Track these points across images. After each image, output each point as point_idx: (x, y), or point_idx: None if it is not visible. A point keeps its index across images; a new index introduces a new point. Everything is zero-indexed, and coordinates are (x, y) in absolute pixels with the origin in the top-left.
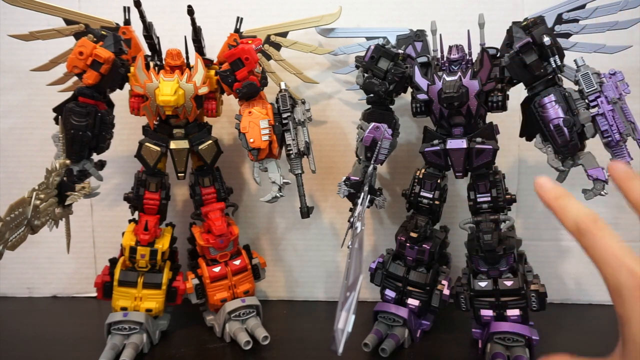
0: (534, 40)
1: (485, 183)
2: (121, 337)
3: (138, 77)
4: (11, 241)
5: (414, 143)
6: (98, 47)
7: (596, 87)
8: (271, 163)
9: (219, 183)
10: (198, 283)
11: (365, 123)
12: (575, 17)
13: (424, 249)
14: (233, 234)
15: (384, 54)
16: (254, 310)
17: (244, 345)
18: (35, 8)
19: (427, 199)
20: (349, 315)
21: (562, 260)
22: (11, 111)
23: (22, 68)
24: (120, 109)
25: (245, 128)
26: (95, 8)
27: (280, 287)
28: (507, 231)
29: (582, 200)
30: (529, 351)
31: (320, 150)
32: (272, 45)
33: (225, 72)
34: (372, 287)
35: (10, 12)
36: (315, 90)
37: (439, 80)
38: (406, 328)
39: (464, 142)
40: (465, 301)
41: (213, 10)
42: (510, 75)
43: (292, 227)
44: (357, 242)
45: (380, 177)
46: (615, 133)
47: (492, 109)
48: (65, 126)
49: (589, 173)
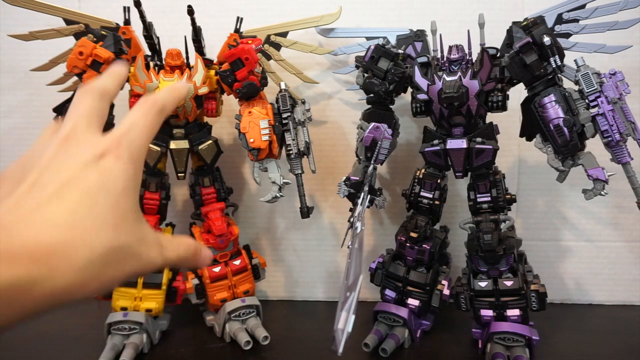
0: (534, 40)
1: (485, 183)
2: (121, 337)
3: (138, 77)
4: None
5: (414, 143)
6: (98, 47)
7: (596, 87)
8: (271, 163)
9: (219, 183)
10: (198, 283)
11: (365, 123)
12: (575, 17)
13: (424, 249)
14: (233, 234)
15: (384, 54)
16: (254, 310)
17: (244, 345)
18: (35, 8)
19: (427, 199)
20: (349, 315)
21: (562, 260)
22: (11, 111)
23: (22, 68)
24: (120, 109)
25: (245, 128)
26: (95, 8)
27: (280, 287)
28: (507, 231)
29: (582, 201)
30: (529, 351)
31: (320, 150)
32: (272, 45)
33: (225, 72)
34: (372, 287)
35: (10, 12)
36: (315, 90)
37: (439, 80)
38: (406, 328)
39: (464, 142)
40: (465, 301)
41: (213, 10)
42: (510, 75)
43: (292, 227)
44: (357, 242)
45: (380, 177)
46: (615, 133)
47: (492, 109)
48: None
49: (589, 173)
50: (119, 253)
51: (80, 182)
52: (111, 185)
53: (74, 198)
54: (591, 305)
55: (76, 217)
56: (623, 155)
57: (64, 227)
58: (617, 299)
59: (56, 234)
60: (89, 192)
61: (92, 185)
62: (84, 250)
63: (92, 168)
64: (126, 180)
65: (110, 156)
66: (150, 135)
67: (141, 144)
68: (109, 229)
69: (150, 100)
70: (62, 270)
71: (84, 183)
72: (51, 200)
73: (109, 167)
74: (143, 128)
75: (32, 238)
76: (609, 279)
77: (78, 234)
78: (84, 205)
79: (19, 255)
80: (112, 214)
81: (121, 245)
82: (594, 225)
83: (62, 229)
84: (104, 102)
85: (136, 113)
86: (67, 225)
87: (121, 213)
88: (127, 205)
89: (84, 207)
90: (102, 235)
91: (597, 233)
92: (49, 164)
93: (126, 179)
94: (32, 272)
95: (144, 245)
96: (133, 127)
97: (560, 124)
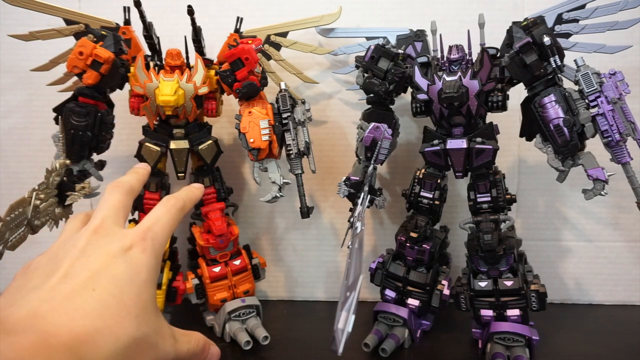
0: (534, 40)
1: (485, 183)
2: None
3: (138, 77)
4: (11, 241)
5: (414, 143)
6: (98, 47)
7: (596, 87)
8: (271, 163)
9: (219, 183)
10: (198, 283)
11: (365, 123)
12: (575, 17)
13: (424, 249)
14: (233, 234)
15: (384, 54)
16: (254, 310)
17: (244, 345)
18: (35, 8)
19: (427, 199)
20: (349, 315)
21: (562, 260)
22: (11, 111)
23: (22, 68)
24: (120, 109)
25: (245, 128)
26: (95, 8)
27: (280, 287)
28: (507, 231)
29: (582, 201)
30: (529, 351)
31: (320, 150)
32: (272, 45)
33: (225, 72)
34: (372, 287)
35: (10, 12)
36: (315, 90)
37: (439, 80)
38: (406, 328)
39: (464, 142)
40: (465, 301)
41: (213, 10)
42: (510, 75)
43: (292, 227)
44: (357, 242)
45: (380, 177)
46: (615, 133)
47: (492, 109)
48: (65, 126)
49: (589, 173)
50: (140, 343)
51: (109, 273)
52: (136, 276)
53: (104, 288)
54: (591, 305)
55: (105, 306)
56: (623, 155)
57: (94, 315)
58: (617, 299)
59: (87, 322)
60: (117, 283)
61: (121, 276)
62: (110, 339)
63: (121, 259)
64: (149, 272)
65: (137, 249)
66: (171, 230)
67: (163, 237)
68: (132, 319)
69: (172, 198)
70: (91, 358)
71: (113, 273)
72: (83, 290)
73: (136, 259)
74: (166, 223)
75: (67, 327)
76: (609, 279)
77: (106, 323)
78: (113, 295)
79: (55, 345)
80: (136, 304)
81: (142, 335)
82: (594, 225)
83: (93, 318)
84: (130, 199)
85: (160, 209)
86: (97, 315)
87: (143, 304)
88: (148, 296)
89: (113, 297)
90: (127, 325)
91: (597, 233)
92: (80, 255)
93: (149, 271)
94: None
95: (161, 337)
96: (157, 222)
97: (560, 124)
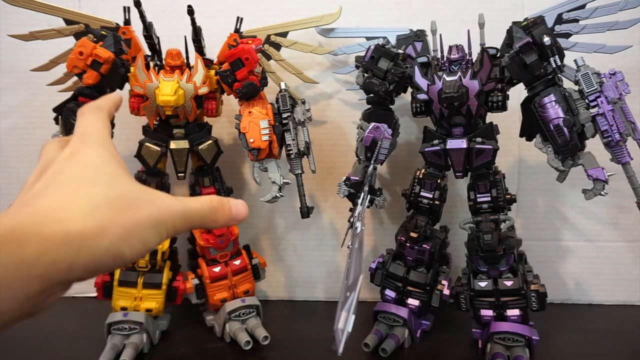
0: (534, 40)
1: (485, 183)
2: (121, 337)
3: (138, 77)
4: None
5: (414, 143)
6: (98, 47)
7: (596, 87)
8: (271, 163)
9: (219, 183)
10: (198, 283)
11: (365, 123)
12: (575, 17)
13: (424, 249)
14: (233, 234)
15: (384, 54)
16: (254, 310)
17: (244, 345)
18: (35, 8)
19: (427, 199)
20: (349, 315)
21: (562, 260)
22: (11, 111)
23: (22, 68)
24: (120, 109)
25: (245, 128)
26: (95, 8)
27: (280, 287)
28: (507, 231)
29: (582, 201)
30: (529, 351)
31: (320, 150)
32: (272, 45)
33: (225, 72)
34: (372, 287)
35: (10, 12)
36: (315, 90)
37: (439, 80)
38: (406, 328)
39: (464, 142)
40: (465, 301)
41: (213, 10)
42: (510, 75)
43: (292, 227)
44: (357, 242)
45: (380, 177)
46: (615, 133)
47: (492, 109)
48: (65, 126)
49: (589, 173)
50: (125, 199)
51: (68, 171)
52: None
53: (65, 180)
54: (591, 305)
55: (72, 186)
56: (623, 155)
57: (67, 191)
58: (617, 298)
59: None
60: (72, 169)
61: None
62: (85, 201)
63: (69, 162)
64: (100, 156)
65: (80, 150)
66: (105, 128)
67: (98, 134)
68: (101, 186)
69: (92, 107)
70: (71, 217)
71: (73, 170)
72: (49, 187)
73: (83, 156)
74: (95, 122)
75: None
76: (609, 279)
77: (79, 191)
78: (75, 177)
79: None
80: (100, 177)
81: (121, 193)
82: (594, 225)
83: (65, 193)
84: (102, 115)
85: (85, 119)
86: (69, 190)
87: (111, 174)
88: (113, 169)
89: (75, 179)
90: (98, 188)
91: (597, 233)
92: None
93: (100, 156)
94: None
95: (152, 195)
96: (87, 127)
97: (560, 124)
